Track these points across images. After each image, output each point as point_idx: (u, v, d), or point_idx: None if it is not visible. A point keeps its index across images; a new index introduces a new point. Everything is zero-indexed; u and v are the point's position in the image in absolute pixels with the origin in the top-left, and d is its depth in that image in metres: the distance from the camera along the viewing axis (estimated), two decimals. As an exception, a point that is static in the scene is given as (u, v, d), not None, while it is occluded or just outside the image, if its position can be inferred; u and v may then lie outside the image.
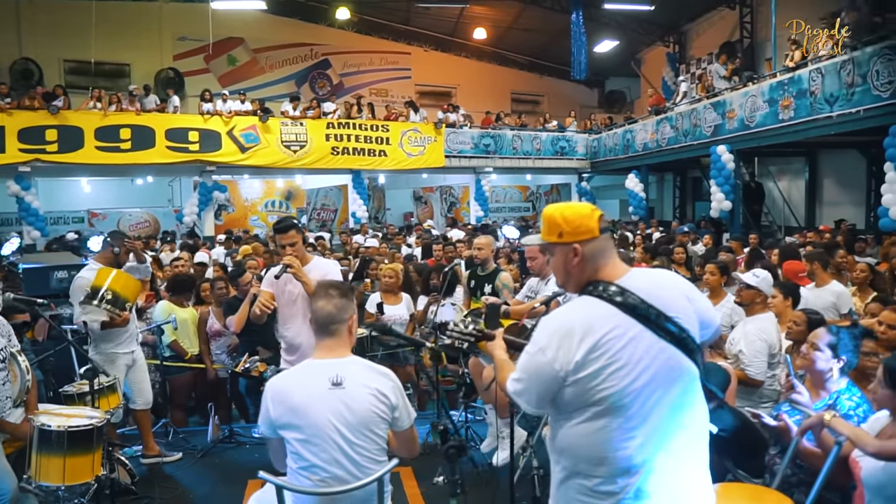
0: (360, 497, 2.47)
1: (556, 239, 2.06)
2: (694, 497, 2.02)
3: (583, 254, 2.02)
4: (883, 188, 9.38)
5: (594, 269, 2.03)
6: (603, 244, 2.04)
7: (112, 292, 4.54)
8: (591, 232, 2.01)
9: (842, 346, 3.04)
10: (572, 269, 2.05)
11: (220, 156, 16.53)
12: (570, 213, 2.05)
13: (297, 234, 4.24)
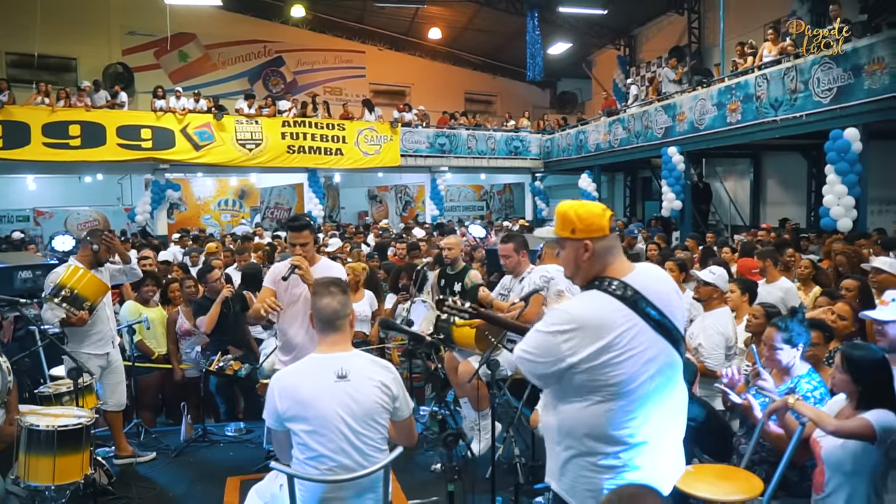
0: (365, 484, 2.60)
1: (569, 235, 2.23)
2: (675, 468, 2.29)
3: (593, 250, 2.19)
4: (824, 189, 9.86)
5: (603, 266, 2.20)
6: (612, 242, 2.21)
7: (71, 290, 4.50)
8: (602, 230, 2.19)
9: (794, 335, 3.29)
10: (582, 264, 2.22)
11: (173, 154, 16.23)
12: (583, 211, 2.22)
13: (310, 234, 4.11)
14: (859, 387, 2.69)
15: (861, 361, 2.72)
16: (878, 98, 9.08)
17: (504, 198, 26.91)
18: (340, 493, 2.56)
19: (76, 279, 4.44)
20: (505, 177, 23.75)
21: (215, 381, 5.85)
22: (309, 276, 3.89)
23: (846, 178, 9.38)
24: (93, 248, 4.78)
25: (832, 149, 9.60)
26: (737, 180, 17.45)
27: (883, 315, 3.05)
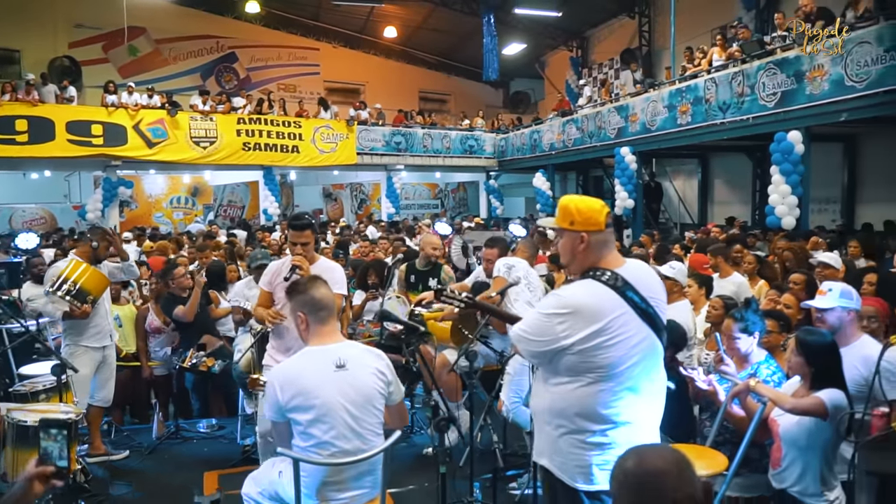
0: (364, 468, 2.74)
1: (568, 226, 2.43)
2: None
3: (588, 242, 2.39)
4: (769, 189, 10.34)
5: (597, 257, 2.40)
6: (607, 237, 2.42)
7: (75, 284, 4.57)
8: (599, 225, 2.39)
9: (750, 324, 3.55)
10: (578, 254, 2.42)
11: (126, 151, 15.93)
12: (583, 205, 2.43)
13: (312, 234, 4.00)
14: (812, 368, 2.96)
15: (814, 345, 2.98)
16: (818, 103, 9.56)
17: (458, 196, 27.18)
18: (341, 477, 2.70)
19: (79, 273, 4.50)
20: (460, 175, 23.97)
21: (191, 378, 5.87)
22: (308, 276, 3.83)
23: (790, 178, 9.86)
24: (92, 245, 4.80)
25: (777, 150, 10.07)
26: (685, 180, 18.04)
27: (822, 303, 3.33)
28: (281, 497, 2.82)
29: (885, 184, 12.56)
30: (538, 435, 2.54)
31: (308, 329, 2.80)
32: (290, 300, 2.91)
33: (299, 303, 2.80)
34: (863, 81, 8.81)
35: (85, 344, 4.79)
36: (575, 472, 2.41)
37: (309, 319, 2.79)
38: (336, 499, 2.71)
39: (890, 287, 4.29)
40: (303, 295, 2.80)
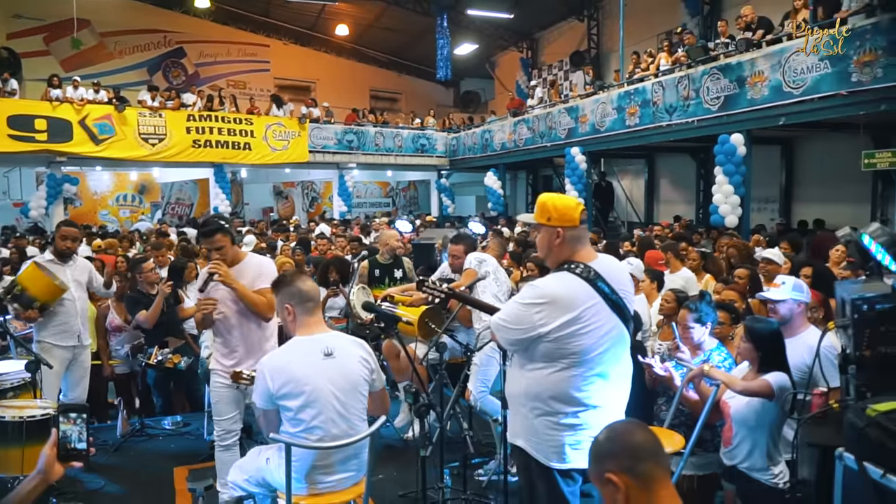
0: (350, 451, 2.88)
1: (545, 221, 2.62)
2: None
3: (564, 237, 2.58)
4: (713, 189, 10.81)
5: (572, 251, 2.60)
6: (581, 233, 2.61)
7: (22, 290, 4.56)
8: (573, 221, 2.59)
9: (703, 314, 3.83)
10: (554, 248, 2.61)
11: (71, 147, 15.52)
12: (559, 203, 2.63)
13: (224, 237, 3.83)
14: (759, 353, 3.23)
15: (761, 331, 3.26)
16: (758, 107, 10.05)
17: (409, 195, 27.31)
18: (329, 460, 2.84)
19: (30, 280, 4.48)
20: (411, 174, 24.08)
21: (153, 375, 5.88)
22: (230, 279, 3.73)
23: (732, 178, 10.34)
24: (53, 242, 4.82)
25: (720, 152, 10.54)
26: (633, 179, 18.57)
27: (775, 295, 3.61)
28: (268, 483, 2.94)
29: (819, 184, 13.26)
30: (513, 418, 2.73)
31: (295, 320, 2.91)
32: (277, 294, 3.01)
33: (286, 295, 2.92)
34: (799, 88, 9.31)
35: (50, 341, 4.79)
36: (549, 452, 2.60)
37: (296, 311, 2.91)
38: (324, 482, 2.86)
39: (824, 279, 4.62)
40: (289, 287, 2.92)
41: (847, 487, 2.44)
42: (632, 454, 1.62)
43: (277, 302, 3.03)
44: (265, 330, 3.93)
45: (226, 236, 3.85)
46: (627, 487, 1.58)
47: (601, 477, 1.64)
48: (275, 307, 3.60)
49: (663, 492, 1.61)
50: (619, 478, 1.59)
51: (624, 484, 1.59)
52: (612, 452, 1.65)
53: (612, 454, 1.65)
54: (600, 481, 1.65)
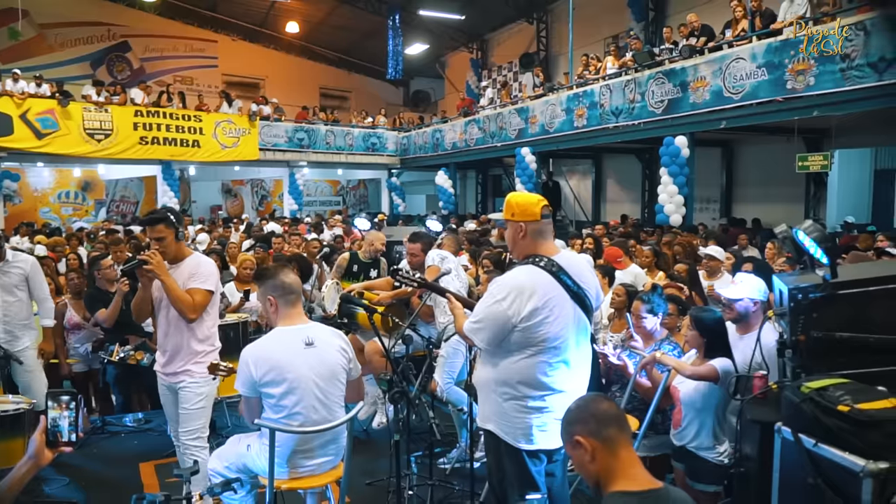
0: (328, 437, 3.03)
1: (510, 217, 2.83)
2: None
3: (526, 230, 2.77)
4: (658, 189, 11.25)
5: (535, 245, 2.80)
6: (543, 227, 2.81)
7: None
8: (535, 216, 2.79)
9: (655, 305, 4.10)
10: (518, 241, 2.81)
11: (11, 141, 15.08)
12: (521, 199, 2.84)
13: (166, 228, 3.74)
14: (705, 339, 3.50)
15: (706, 320, 3.53)
16: (701, 111, 10.51)
17: (359, 193, 27.31)
18: (310, 445, 2.98)
19: None
20: (362, 172, 24.11)
21: (113, 372, 5.86)
22: (159, 269, 3.61)
23: (677, 179, 10.78)
24: None
25: (665, 153, 10.98)
26: (580, 179, 19.05)
27: (731, 293, 3.83)
28: (249, 468, 3.06)
29: (757, 185, 13.90)
30: (483, 403, 2.91)
31: (277, 311, 3.04)
32: (260, 286, 3.12)
33: (269, 287, 3.04)
34: (739, 93, 9.79)
35: None
36: (517, 434, 2.79)
37: (279, 302, 3.03)
38: (305, 465, 2.99)
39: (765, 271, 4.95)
40: (272, 280, 3.04)
41: (784, 457, 2.71)
42: (597, 420, 1.86)
43: (260, 293, 3.12)
44: (196, 331, 3.76)
45: (169, 228, 3.75)
46: (594, 448, 1.82)
47: (571, 439, 1.86)
48: (200, 310, 3.67)
49: (624, 452, 1.85)
50: (586, 440, 1.83)
51: (591, 445, 1.82)
52: (581, 418, 1.88)
53: (581, 420, 1.88)
54: (571, 444, 1.88)
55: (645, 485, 1.84)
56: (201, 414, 3.78)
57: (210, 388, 3.82)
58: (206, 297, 3.74)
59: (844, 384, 2.57)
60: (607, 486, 1.85)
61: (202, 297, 3.71)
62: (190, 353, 3.75)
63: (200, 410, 3.77)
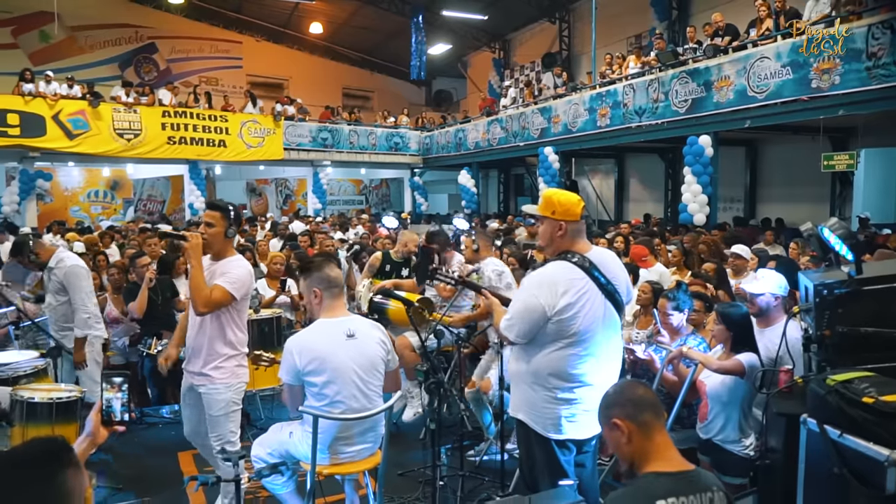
0: (368, 424, 3.17)
1: (550, 214, 2.92)
2: None
3: (566, 229, 2.88)
4: (682, 188, 11.27)
5: (570, 242, 2.90)
6: (580, 226, 2.92)
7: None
8: (576, 216, 2.89)
9: (680, 302, 4.19)
10: (556, 239, 2.91)
11: (44, 142, 15.43)
12: (564, 198, 2.93)
13: (220, 217, 3.67)
14: (731, 333, 3.58)
15: (732, 315, 3.62)
16: (725, 110, 10.52)
17: (381, 192, 27.49)
18: (350, 432, 3.12)
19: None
20: (385, 172, 24.27)
21: (149, 366, 6.05)
22: (192, 252, 3.53)
23: (700, 178, 10.80)
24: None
25: (689, 153, 10.99)
26: (603, 179, 19.06)
27: (753, 288, 3.93)
28: (292, 455, 3.20)
29: (781, 184, 13.85)
30: (515, 394, 3.02)
31: (321, 303, 3.17)
32: (305, 278, 3.24)
33: (315, 279, 3.17)
34: (763, 92, 9.79)
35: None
36: (547, 424, 2.90)
37: (323, 295, 3.16)
38: (345, 452, 3.13)
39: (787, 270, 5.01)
40: (318, 272, 3.17)
41: (810, 448, 2.79)
42: (634, 404, 1.97)
43: (306, 285, 3.23)
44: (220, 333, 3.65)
45: (223, 219, 3.68)
46: (630, 431, 1.93)
47: (609, 422, 1.97)
48: (212, 306, 3.53)
49: (658, 436, 1.96)
50: (623, 423, 1.94)
51: (627, 428, 1.93)
52: (619, 402, 2.00)
53: (619, 403, 1.99)
54: (609, 426, 1.98)
55: (677, 466, 1.94)
56: (225, 420, 3.66)
57: (231, 395, 3.68)
58: (225, 297, 3.55)
59: (869, 377, 2.64)
60: (641, 466, 1.96)
61: (220, 295, 3.54)
62: (211, 355, 3.65)
63: (223, 417, 3.65)
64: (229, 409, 3.67)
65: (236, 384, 3.70)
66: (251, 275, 3.77)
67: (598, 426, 2.87)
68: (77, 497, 1.55)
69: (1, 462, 1.61)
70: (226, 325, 3.67)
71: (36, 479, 1.51)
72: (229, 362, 3.68)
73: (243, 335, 3.78)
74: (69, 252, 5.64)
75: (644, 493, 1.89)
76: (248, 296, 3.78)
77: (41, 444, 1.60)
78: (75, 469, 1.58)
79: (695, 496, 1.90)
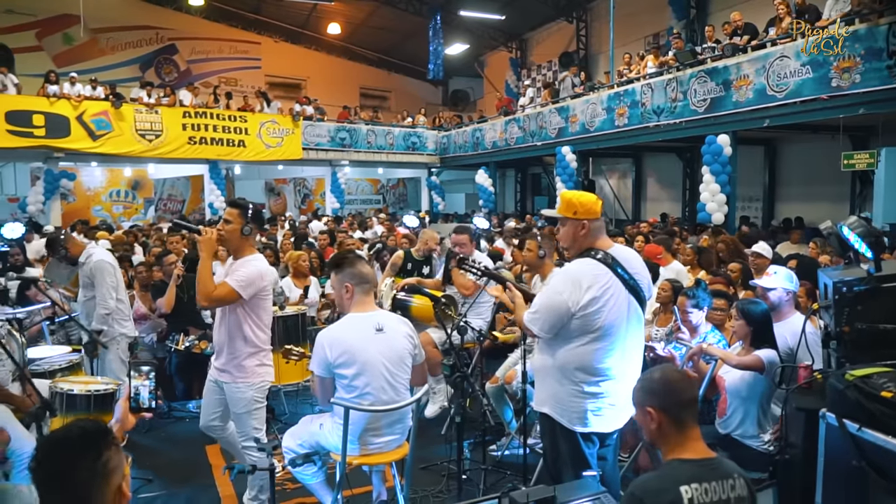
0: (396, 416, 3.27)
1: (571, 215, 3.01)
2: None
3: (588, 228, 2.96)
4: (700, 188, 11.27)
5: (593, 240, 2.99)
6: (601, 224, 3.00)
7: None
8: (596, 214, 2.98)
9: (700, 300, 4.25)
10: (578, 238, 2.99)
11: (69, 142, 15.69)
12: (584, 199, 3.02)
13: (237, 215, 3.71)
14: (751, 329, 3.64)
15: (753, 311, 3.68)
16: (743, 109, 10.51)
17: (398, 192, 27.64)
18: (378, 423, 3.22)
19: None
20: (402, 171, 24.41)
21: (175, 361, 6.19)
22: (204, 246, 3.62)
23: (719, 178, 10.80)
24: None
25: (707, 152, 11.00)
26: (620, 178, 19.05)
27: (766, 283, 4.01)
28: (322, 446, 3.31)
29: (801, 183, 13.79)
30: (540, 388, 3.10)
31: (352, 298, 3.27)
32: (338, 273, 3.33)
33: (347, 275, 3.27)
34: (782, 91, 9.78)
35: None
36: (573, 417, 2.98)
37: (355, 290, 3.26)
38: (374, 443, 3.23)
39: (808, 268, 5.05)
40: (351, 268, 3.28)
41: (829, 442, 2.85)
42: (673, 400, 2.03)
43: (338, 280, 3.31)
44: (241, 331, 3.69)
45: (240, 217, 3.72)
46: (661, 421, 1.99)
47: (644, 408, 2.04)
48: (214, 302, 3.60)
49: (690, 430, 2.03)
50: (657, 413, 2.00)
51: (660, 419, 2.00)
52: (659, 393, 2.06)
53: (658, 394, 2.06)
54: (642, 411, 2.05)
55: (701, 454, 2.02)
56: (248, 418, 3.72)
57: (253, 394, 3.73)
58: (230, 294, 3.57)
59: (888, 372, 2.69)
60: (666, 453, 2.03)
61: (225, 292, 3.57)
62: (232, 352, 3.71)
63: (246, 415, 3.71)
64: (251, 406, 3.73)
65: (258, 383, 3.75)
66: (263, 274, 3.74)
67: (622, 420, 2.97)
68: (120, 473, 1.68)
69: (51, 444, 1.73)
70: (244, 324, 3.69)
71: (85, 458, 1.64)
72: (249, 361, 3.71)
73: (264, 334, 3.80)
74: (99, 248, 5.79)
75: (669, 478, 1.97)
76: (261, 295, 3.74)
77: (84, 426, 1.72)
78: (116, 448, 1.70)
79: (717, 482, 1.97)
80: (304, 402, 6.24)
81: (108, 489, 1.64)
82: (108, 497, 1.64)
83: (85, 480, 1.62)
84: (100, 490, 1.63)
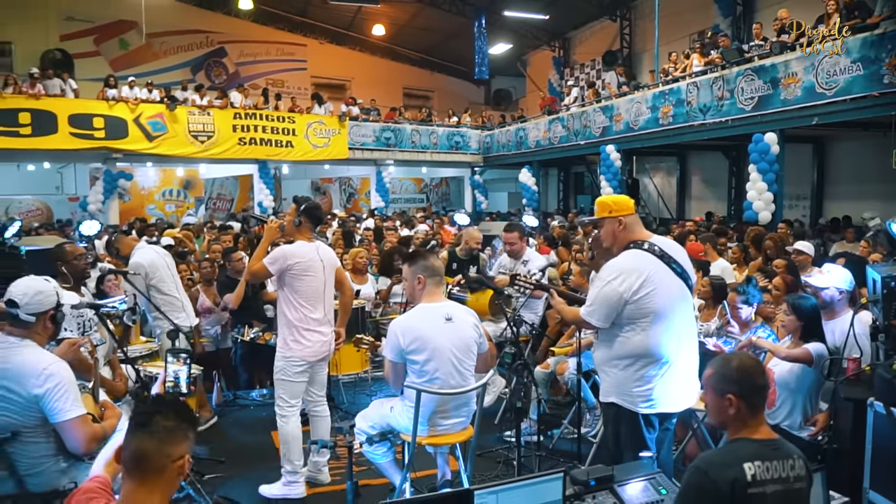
0: (462, 400, 3.51)
1: (608, 214, 3.24)
2: (691, 379, 3.25)
3: (625, 224, 3.17)
4: (747, 186, 11.26)
5: (631, 233, 3.21)
6: (635, 218, 3.24)
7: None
8: (630, 209, 3.22)
9: (750, 296, 4.39)
10: (618, 234, 3.22)
11: (127, 144, 16.36)
12: (617, 198, 3.29)
13: (293, 206, 4.42)
14: (801, 323, 3.77)
15: (803, 306, 3.81)
16: (792, 107, 10.48)
17: (441, 191, 27.92)
18: (446, 406, 3.46)
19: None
20: (445, 170, 24.66)
21: (239, 352, 6.53)
22: (266, 234, 4.38)
23: (766, 176, 10.79)
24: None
25: (754, 150, 10.99)
26: (664, 177, 19.00)
27: (818, 282, 4.11)
28: (393, 427, 3.56)
29: (850, 182, 13.64)
30: (605, 380, 3.29)
31: (424, 289, 3.52)
32: (411, 265, 3.58)
33: (420, 267, 3.53)
34: (832, 89, 9.73)
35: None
36: (636, 399, 3.16)
37: (427, 281, 3.51)
38: (442, 424, 3.47)
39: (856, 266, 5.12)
40: (424, 261, 3.54)
41: (876, 429, 3.00)
42: (751, 387, 2.22)
43: (411, 272, 3.57)
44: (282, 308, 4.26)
45: (295, 210, 4.38)
46: (739, 408, 2.19)
47: (723, 394, 2.22)
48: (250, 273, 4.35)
49: (759, 415, 2.24)
50: (736, 399, 2.19)
51: (737, 405, 2.19)
52: (739, 381, 2.24)
53: (737, 381, 2.24)
54: (721, 396, 2.23)
55: (765, 435, 2.21)
56: (278, 384, 4.30)
57: (283, 364, 4.25)
58: (261, 269, 4.18)
59: (934, 363, 2.83)
60: (732, 433, 2.24)
61: (257, 267, 4.18)
62: (278, 326, 4.36)
63: (277, 381, 4.30)
64: (280, 375, 4.28)
65: (288, 355, 4.25)
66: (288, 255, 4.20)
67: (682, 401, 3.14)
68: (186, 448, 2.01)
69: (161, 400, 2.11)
70: (282, 302, 4.29)
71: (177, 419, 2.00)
72: (284, 333, 4.28)
73: (297, 312, 4.24)
74: (146, 246, 6.12)
75: (734, 455, 2.16)
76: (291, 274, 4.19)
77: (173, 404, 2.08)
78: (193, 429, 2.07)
79: (779, 462, 2.16)
80: (361, 393, 6.52)
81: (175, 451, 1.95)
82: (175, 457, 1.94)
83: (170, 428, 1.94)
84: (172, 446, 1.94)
